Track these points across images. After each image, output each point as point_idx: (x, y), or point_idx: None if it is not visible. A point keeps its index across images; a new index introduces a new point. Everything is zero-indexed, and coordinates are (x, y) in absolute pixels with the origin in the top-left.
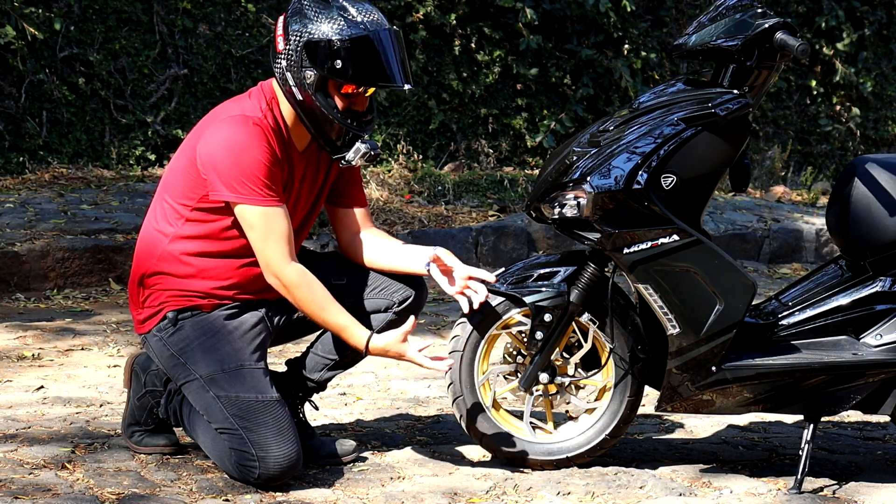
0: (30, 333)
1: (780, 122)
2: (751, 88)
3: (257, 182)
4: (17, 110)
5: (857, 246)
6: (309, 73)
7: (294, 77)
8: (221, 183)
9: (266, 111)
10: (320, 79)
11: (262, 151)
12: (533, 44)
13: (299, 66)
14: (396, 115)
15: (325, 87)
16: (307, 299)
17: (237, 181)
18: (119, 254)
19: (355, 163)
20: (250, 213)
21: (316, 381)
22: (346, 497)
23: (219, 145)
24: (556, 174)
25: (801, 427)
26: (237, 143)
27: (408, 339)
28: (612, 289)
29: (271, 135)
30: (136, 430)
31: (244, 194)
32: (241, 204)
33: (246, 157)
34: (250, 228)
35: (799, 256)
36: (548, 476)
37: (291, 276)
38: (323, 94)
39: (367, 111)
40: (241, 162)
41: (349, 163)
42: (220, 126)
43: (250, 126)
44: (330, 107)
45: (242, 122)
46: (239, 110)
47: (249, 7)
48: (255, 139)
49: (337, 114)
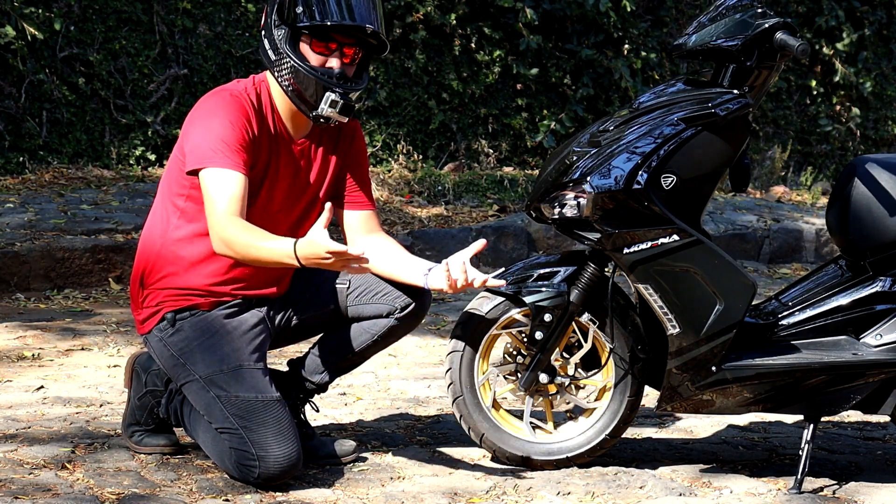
0: (30, 333)
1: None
2: (751, 88)
3: (219, 145)
4: (17, 110)
5: (857, 246)
6: (279, 32)
7: (269, 42)
8: (189, 152)
9: (250, 89)
10: (287, 33)
11: (232, 117)
12: (533, 44)
13: (272, 29)
14: (396, 115)
15: (295, 44)
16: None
17: (205, 147)
18: (119, 254)
19: (326, 113)
20: (208, 176)
21: (316, 384)
22: (346, 497)
23: (192, 116)
24: (556, 174)
25: (801, 427)
26: (208, 110)
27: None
28: (612, 289)
29: (249, 108)
30: (137, 430)
31: (207, 158)
32: (202, 169)
33: (214, 122)
34: (205, 192)
35: (799, 256)
36: (548, 476)
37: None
38: (294, 49)
39: (346, 73)
40: (208, 127)
41: (322, 116)
42: (199, 101)
43: (226, 96)
44: (301, 59)
45: (218, 93)
46: (220, 88)
47: (249, 7)
48: (228, 107)
49: (307, 65)
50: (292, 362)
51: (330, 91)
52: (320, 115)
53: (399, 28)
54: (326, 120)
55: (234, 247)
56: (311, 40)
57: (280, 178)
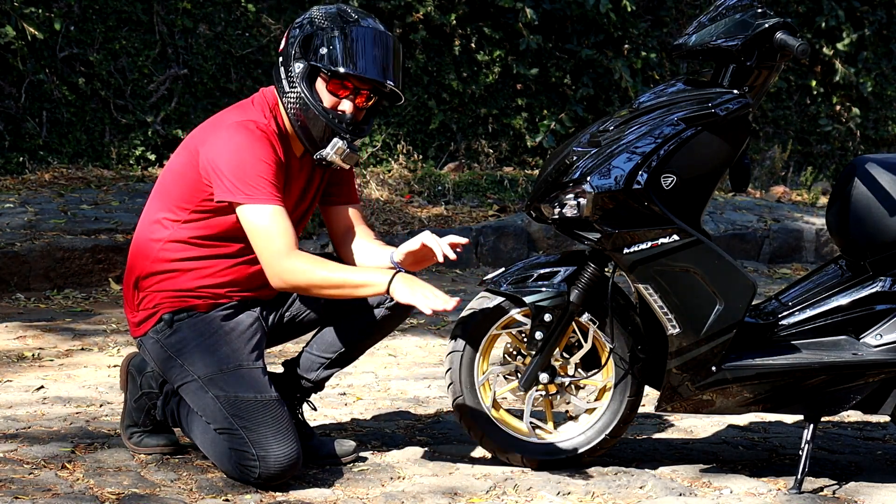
0: (30, 333)
1: (780, 122)
2: (751, 88)
3: (261, 182)
4: (17, 110)
5: (857, 246)
6: (298, 65)
7: (285, 70)
8: (227, 185)
9: (270, 118)
10: (307, 69)
11: (266, 154)
12: (533, 44)
13: (291, 60)
14: (396, 115)
15: (311, 80)
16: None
17: (242, 183)
18: (119, 254)
19: (330, 158)
20: (253, 213)
21: (312, 381)
22: (346, 497)
23: (224, 149)
24: (556, 174)
25: (801, 427)
26: (243, 146)
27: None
28: (612, 289)
29: (275, 140)
30: (135, 431)
31: (248, 195)
32: (245, 205)
33: (252, 159)
34: (254, 228)
35: (799, 256)
36: (548, 476)
37: (297, 264)
38: (309, 86)
39: (355, 120)
40: (247, 164)
41: (325, 160)
42: (227, 131)
43: (256, 131)
44: (314, 99)
45: (248, 127)
46: (244, 116)
47: (249, 7)
48: (260, 143)
49: (319, 105)
50: (287, 362)
51: (338, 137)
52: (324, 158)
53: (399, 28)
54: (329, 164)
55: (308, 279)
56: (329, 80)
57: (291, 195)
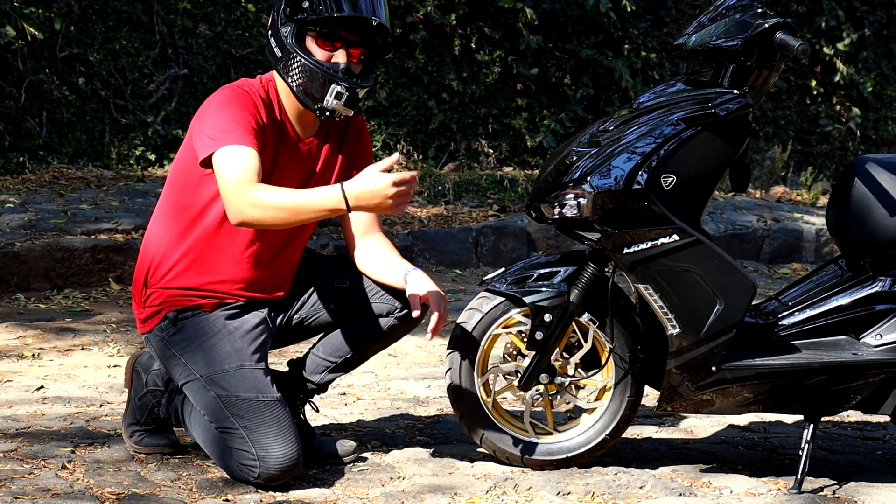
0: (30, 333)
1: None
2: (751, 88)
3: (231, 126)
4: (17, 110)
5: (857, 246)
6: (286, 29)
7: (276, 40)
8: (206, 140)
9: (258, 87)
10: (294, 28)
11: (240, 105)
12: (533, 44)
13: (279, 27)
14: (396, 115)
15: (302, 40)
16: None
17: (214, 132)
18: (119, 254)
19: (330, 105)
20: (223, 154)
21: (316, 384)
22: (346, 497)
23: (203, 109)
24: (556, 174)
25: (801, 427)
26: (216, 103)
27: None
28: (612, 289)
29: (259, 102)
30: (137, 430)
31: (217, 140)
32: (215, 151)
33: (223, 110)
34: (220, 165)
35: (799, 256)
36: (548, 476)
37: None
38: (300, 45)
39: (352, 70)
40: (218, 115)
41: (327, 109)
42: (212, 97)
43: (236, 90)
44: (307, 54)
45: (228, 88)
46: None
47: (249, 7)
48: (236, 98)
49: (312, 59)
50: (292, 363)
51: (335, 84)
52: (325, 107)
53: (399, 28)
54: (332, 113)
55: (264, 205)
56: (317, 38)
57: (289, 177)
